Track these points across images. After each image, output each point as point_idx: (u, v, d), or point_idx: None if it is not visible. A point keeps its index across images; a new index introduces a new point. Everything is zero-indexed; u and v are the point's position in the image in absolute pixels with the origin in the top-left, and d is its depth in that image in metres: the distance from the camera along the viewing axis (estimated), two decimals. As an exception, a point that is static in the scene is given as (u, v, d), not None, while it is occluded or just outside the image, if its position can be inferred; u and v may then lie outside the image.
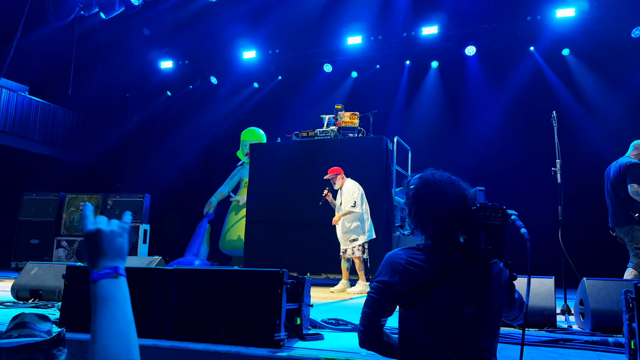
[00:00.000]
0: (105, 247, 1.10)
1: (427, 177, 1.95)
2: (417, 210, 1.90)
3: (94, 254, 1.09)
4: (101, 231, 1.11)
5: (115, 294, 1.05)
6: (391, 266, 1.81)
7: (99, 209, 9.01)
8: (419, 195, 1.91)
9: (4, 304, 4.32)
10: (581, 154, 9.70)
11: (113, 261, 1.09)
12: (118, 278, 1.07)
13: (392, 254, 1.86)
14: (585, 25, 11.11)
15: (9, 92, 12.42)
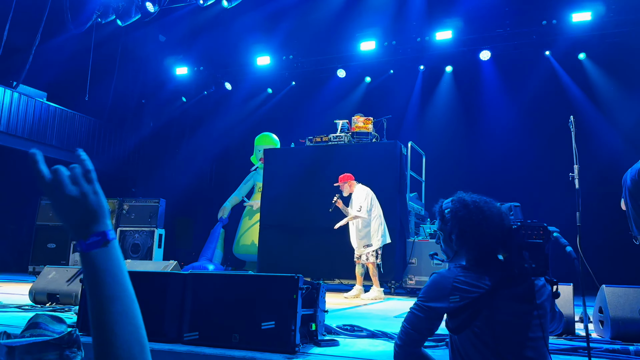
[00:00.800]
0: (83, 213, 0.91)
1: (463, 198, 1.96)
2: (460, 232, 1.89)
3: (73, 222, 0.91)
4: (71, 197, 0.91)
5: (112, 268, 0.89)
6: (439, 287, 1.80)
7: (114, 213, 9.09)
8: (459, 217, 1.91)
9: (22, 308, 4.38)
10: (598, 159, 9.58)
11: (100, 225, 0.91)
12: (108, 245, 0.90)
13: (439, 275, 1.85)
14: (602, 29, 10.99)
15: (27, 98, 12.62)
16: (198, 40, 14.45)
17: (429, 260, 7.84)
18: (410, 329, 1.83)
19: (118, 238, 8.93)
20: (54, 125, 13.27)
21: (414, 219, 9.00)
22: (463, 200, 1.94)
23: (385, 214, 7.36)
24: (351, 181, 7.06)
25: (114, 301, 0.88)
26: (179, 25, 13.98)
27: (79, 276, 4.68)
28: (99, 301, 0.87)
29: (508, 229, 1.84)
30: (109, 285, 0.88)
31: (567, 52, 11.44)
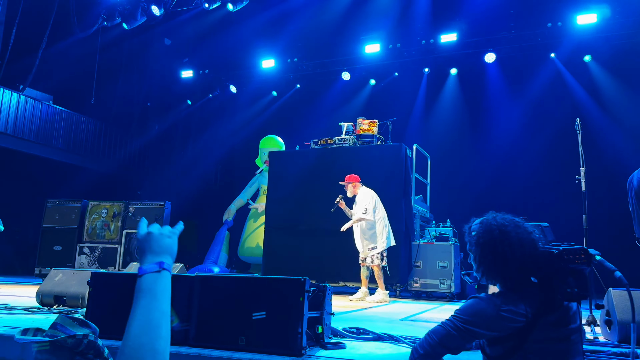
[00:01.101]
0: (153, 245, 1.17)
1: (489, 222, 1.91)
2: (481, 257, 1.87)
3: (143, 252, 1.16)
4: (151, 233, 1.20)
5: (154, 288, 1.08)
6: (484, 314, 1.77)
7: (120, 216, 9.12)
8: (481, 242, 1.88)
9: (29, 310, 4.40)
10: (604, 162, 9.54)
11: (159, 257, 1.15)
12: (161, 272, 1.11)
13: (483, 301, 1.81)
14: (608, 31, 10.97)
15: (34, 101, 12.70)
16: (203, 44, 14.52)
17: (434, 263, 7.83)
18: (438, 343, 1.81)
19: (124, 241, 8.97)
20: (60, 128, 13.34)
21: (419, 222, 8.99)
22: (489, 225, 1.89)
23: (390, 216, 7.35)
24: (356, 182, 7.05)
25: (144, 311, 1.04)
26: (185, 29, 14.06)
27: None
28: (134, 310, 1.04)
29: (543, 254, 1.80)
30: (146, 299, 1.06)
31: (573, 54, 11.42)
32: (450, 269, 7.72)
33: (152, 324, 1.03)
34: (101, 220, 9.20)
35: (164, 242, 1.18)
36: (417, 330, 3.77)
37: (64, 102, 13.58)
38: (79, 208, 9.32)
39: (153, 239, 1.18)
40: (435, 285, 7.77)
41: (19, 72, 12.27)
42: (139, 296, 1.06)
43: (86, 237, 9.19)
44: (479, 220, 1.96)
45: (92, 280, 3.27)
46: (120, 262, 8.86)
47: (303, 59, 14.04)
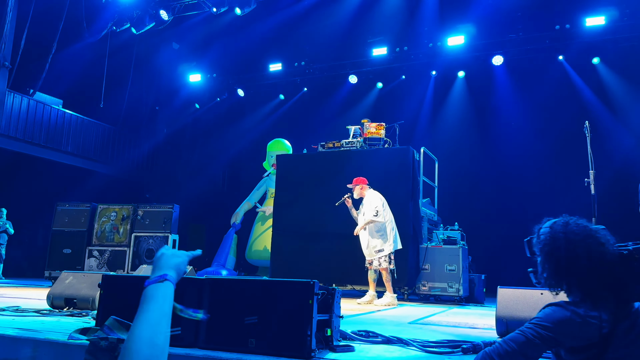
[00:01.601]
0: (162, 262, 1.26)
1: (557, 229, 1.84)
2: (544, 265, 1.84)
3: (153, 269, 1.25)
4: (163, 253, 1.29)
5: (156, 294, 1.16)
6: (568, 322, 1.73)
7: (129, 219, 9.17)
8: (546, 251, 1.83)
9: (40, 312, 4.44)
10: (613, 164, 9.49)
11: (165, 270, 1.23)
12: (163, 282, 1.19)
13: (561, 308, 1.77)
14: (616, 33, 10.93)
15: (43, 105, 12.83)
16: (211, 48, 14.61)
17: (442, 266, 7.80)
18: (517, 351, 1.74)
19: (133, 244, 9.01)
20: (69, 132, 13.46)
21: (427, 225, 8.97)
22: (556, 233, 1.82)
23: (398, 219, 7.34)
24: (364, 185, 7.05)
25: (143, 313, 1.11)
26: (193, 33, 14.15)
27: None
28: (137, 314, 1.12)
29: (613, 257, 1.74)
30: (147, 303, 1.13)
31: (581, 56, 11.38)
32: (458, 272, 7.69)
33: (151, 321, 1.10)
34: (110, 223, 9.26)
35: (173, 261, 1.27)
36: (426, 334, 3.77)
37: (73, 106, 13.71)
38: (88, 211, 9.38)
39: (164, 257, 1.27)
40: (444, 289, 7.75)
41: (29, 76, 12.41)
42: (142, 303, 1.14)
43: (95, 240, 9.24)
44: (550, 223, 1.90)
45: (103, 283, 3.30)
46: (129, 265, 8.91)
47: (310, 63, 14.09)
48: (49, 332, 3.30)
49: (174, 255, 1.29)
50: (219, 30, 13.65)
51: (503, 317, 3.63)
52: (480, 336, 3.67)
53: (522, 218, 10.96)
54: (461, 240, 8.28)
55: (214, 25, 13.34)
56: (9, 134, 11.99)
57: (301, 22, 12.91)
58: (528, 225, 7.66)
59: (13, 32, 11.54)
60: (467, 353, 2.88)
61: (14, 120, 12.08)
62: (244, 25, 13.26)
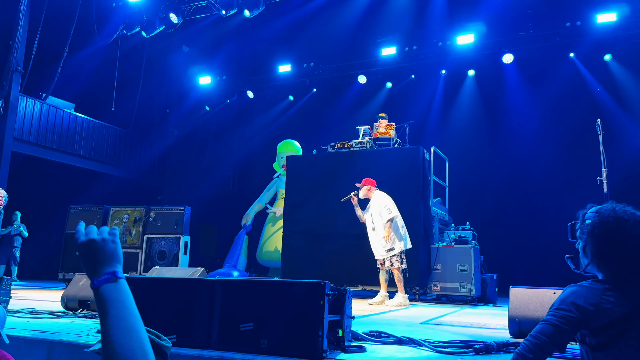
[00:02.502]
0: (100, 254, 1.15)
1: (607, 213, 1.81)
2: (593, 250, 1.79)
3: (91, 263, 1.15)
4: (94, 240, 1.17)
5: (118, 296, 1.10)
6: (583, 299, 1.71)
7: (141, 221, 9.24)
8: (596, 234, 1.79)
9: (54, 314, 4.49)
10: (626, 162, 9.39)
11: (110, 266, 1.14)
12: (117, 282, 1.12)
13: (580, 287, 1.76)
14: (628, 29, 10.81)
15: (56, 109, 12.96)
16: (221, 50, 14.68)
17: (454, 266, 7.77)
18: (549, 342, 1.70)
19: (145, 245, 9.08)
20: (81, 135, 13.59)
21: (438, 225, 8.93)
22: (606, 216, 1.79)
23: (408, 219, 7.32)
24: (372, 187, 7.03)
25: (120, 320, 1.07)
26: (202, 36, 14.23)
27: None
28: (107, 321, 1.06)
29: None
30: (115, 308, 1.08)
31: (592, 53, 11.28)
32: (470, 272, 7.66)
33: (133, 328, 1.07)
34: (123, 225, 9.33)
35: (109, 249, 1.17)
36: (438, 334, 3.76)
37: (85, 110, 13.84)
38: (101, 214, 9.46)
39: (98, 247, 1.16)
40: (455, 289, 7.71)
41: (42, 81, 12.55)
42: (106, 307, 1.08)
43: (108, 242, 9.32)
44: (596, 208, 1.87)
45: (116, 285, 3.32)
46: (141, 266, 8.98)
47: (319, 63, 14.11)
48: (63, 333, 3.34)
49: (106, 241, 1.17)
50: (228, 33, 13.71)
51: (516, 317, 3.61)
52: (492, 336, 3.65)
53: (533, 217, 10.95)
54: (473, 240, 8.24)
55: (223, 27, 13.39)
56: (22, 137, 12.13)
57: (310, 23, 12.93)
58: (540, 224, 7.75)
59: (25, 37, 11.68)
60: (479, 353, 2.87)
61: (27, 124, 12.22)
62: (253, 27, 13.31)
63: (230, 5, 11.70)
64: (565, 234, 1.99)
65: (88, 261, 1.15)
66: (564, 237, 2.10)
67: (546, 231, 10.51)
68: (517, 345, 2.99)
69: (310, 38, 13.47)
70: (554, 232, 10.39)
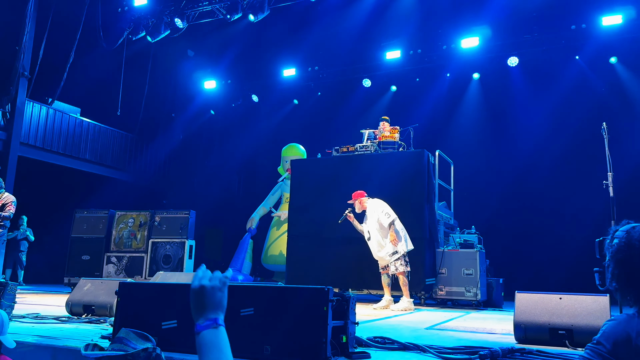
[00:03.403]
0: (207, 301, 1.27)
1: (635, 236, 1.71)
2: (614, 273, 1.72)
3: (198, 307, 1.26)
4: (204, 287, 1.27)
5: (217, 342, 1.21)
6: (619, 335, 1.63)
7: (146, 225, 9.26)
8: (619, 258, 1.71)
9: (59, 319, 4.49)
10: (632, 166, 9.32)
11: (214, 313, 1.26)
12: (218, 328, 1.24)
13: (618, 322, 1.68)
14: (633, 32, 10.75)
15: (62, 114, 13.04)
16: (226, 55, 14.73)
17: (460, 270, 7.73)
18: None
19: (150, 249, 9.09)
20: (87, 139, 13.66)
21: (443, 228, 8.90)
22: (632, 239, 1.69)
23: (413, 223, 7.29)
24: (362, 198, 6.99)
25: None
26: (207, 40, 14.29)
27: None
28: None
29: None
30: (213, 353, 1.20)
31: (598, 56, 11.22)
32: (476, 277, 7.62)
33: None
34: (128, 229, 9.36)
35: (216, 297, 1.27)
36: (443, 340, 3.74)
37: (91, 114, 13.91)
38: (106, 218, 9.49)
39: (206, 294, 1.26)
40: (461, 293, 7.67)
41: (48, 85, 12.63)
42: (205, 351, 1.19)
43: (113, 247, 9.35)
44: (628, 227, 1.76)
45: (120, 290, 3.33)
46: (146, 271, 8.99)
47: (324, 67, 14.12)
48: (67, 339, 3.35)
49: (215, 289, 1.28)
50: (233, 37, 13.76)
51: (521, 323, 3.58)
52: (498, 342, 3.63)
53: (539, 220, 10.89)
54: (478, 244, 8.20)
55: (228, 32, 13.44)
56: (29, 142, 12.21)
57: (314, 27, 12.94)
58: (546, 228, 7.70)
59: (32, 42, 11.77)
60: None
61: (33, 129, 12.30)
62: (258, 32, 13.35)
63: (235, 10, 11.73)
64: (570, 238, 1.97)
65: (195, 305, 1.27)
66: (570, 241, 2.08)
67: (552, 235, 10.45)
68: (522, 351, 2.98)
69: (314, 42, 13.48)
70: (559, 236, 10.38)
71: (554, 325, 3.44)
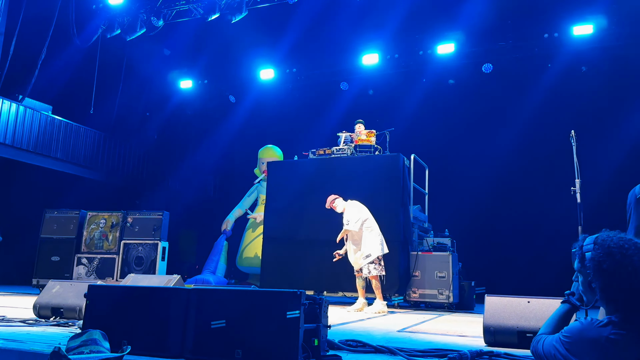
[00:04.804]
0: None
1: (608, 244, 1.74)
2: (604, 286, 1.73)
3: None
4: None
5: None
6: (588, 343, 1.67)
7: (118, 226, 9.11)
8: (604, 268, 1.72)
9: (26, 322, 4.39)
10: (602, 173, 9.57)
11: None
12: None
13: (587, 329, 1.71)
14: (604, 42, 11.06)
15: (33, 111, 12.73)
16: (202, 54, 14.62)
17: (433, 273, 7.82)
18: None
19: (122, 251, 8.94)
20: (59, 138, 13.36)
21: (418, 232, 9.00)
22: (608, 247, 1.72)
23: (388, 226, 7.36)
24: (336, 201, 7.08)
25: None
26: (184, 40, 14.13)
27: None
28: None
29: None
30: None
31: (570, 64, 11.49)
32: (448, 279, 7.72)
33: None
34: (99, 230, 9.19)
35: None
36: (415, 342, 3.77)
37: (63, 113, 13.61)
38: (77, 218, 9.31)
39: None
40: (434, 296, 7.77)
41: (19, 82, 12.31)
42: None
43: (84, 248, 9.17)
44: (592, 238, 1.79)
45: (89, 293, 3.27)
46: (118, 272, 8.84)
47: (302, 70, 14.14)
48: (34, 342, 3.27)
49: None
50: (210, 37, 13.66)
51: (490, 326, 3.64)
52: (468, 344, 3.68)
53: (512, 224, 11.10)
54: (451, 247, 8.31)
55: (205, 31, 13.33)
56: (-2, 140, 11.89)
57: (292, 30, 12.94)
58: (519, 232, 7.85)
59: (2, 38, 11.47)
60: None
61: (2, 127, 11.97)
62: (236, 32, 13.26)
63: (213, 10, 11.66)
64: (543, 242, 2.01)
65: None
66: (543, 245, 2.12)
67: (525, 239, 10.67)
68: (490, 354, 3.03)
69: (292, 44, 13.48)
70: (532, 240, 10.60)
71: (522, 328, 3.51)
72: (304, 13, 12.68)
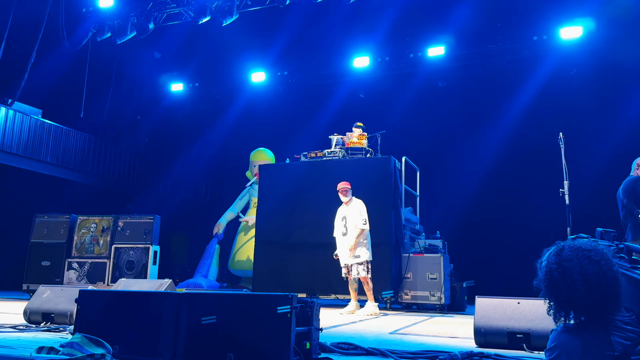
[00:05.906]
0: None
1: (551, 261, 1.80)
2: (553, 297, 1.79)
3: None
4: None
5: None
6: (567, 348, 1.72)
7: (109, 231, 9.07)
8: (544, 286, 1.81)
9: (16, 327, 4.36)
10: (590, 175, 9.66)
11: None
12: None
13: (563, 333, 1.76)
14: (592, 44, 11.17)
15: (22, 115, 12.64)
16: (193, 57, 14.59)
17: (424, 275, 7.85)
18: None
19: (112, 255, 8.89)
20: (49, 142, 13.27)
21: (409, 234, 9.03)
22: (549, 266, 1.78)
23: (380, 228, 7.38)
24: (350, 190, 7.11)
25: None
26: (175, 43, 14.09)
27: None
28: None
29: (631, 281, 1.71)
30: None
31: (558, 67, 11.59)
32: (440, 281, 7.76)
33: None
34: (90, 234, 9.14)
35: None
36: (406, 344, 3.79)
37: (53, 116, 13.53)
38: (67, 223, 9.25)
39: None
40: (426, 297, 7.80)
41: (8, 86, 12.23)
42: None
43: (75, 252, 9.11)
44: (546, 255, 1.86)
45: (80, 298, 3.27)
46: (109, 277, 8.80)
47: (293, 72, 14.16)
48: (24, 348, 3.25)
49: None
50: (201, 40, 13.64)
51: (481, 327, 3.67)
52: (459, 346, 3.70)
53: (503, 227, 11.17)
54: (442, 249, 8.35)
55: (196, 35, 13.31)
56: (-13, 144, 11.79)
57: (284, 33, 12.96)
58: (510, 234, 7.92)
59: (-9, 42, 11.39)
60: (444, 364, 2.91)
61: (-9, 130, 11.89)
62: (227, 36, 13.26)
63: (204, 13, 11.64)
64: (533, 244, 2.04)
65: None
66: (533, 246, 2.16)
67: (515, 240, 10.73)
68: (481, 355, 3.06)
69: (284, 47, 13.50)
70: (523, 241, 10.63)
71: (512, 329, 3.54)
72: (295, 16, 12.70)
